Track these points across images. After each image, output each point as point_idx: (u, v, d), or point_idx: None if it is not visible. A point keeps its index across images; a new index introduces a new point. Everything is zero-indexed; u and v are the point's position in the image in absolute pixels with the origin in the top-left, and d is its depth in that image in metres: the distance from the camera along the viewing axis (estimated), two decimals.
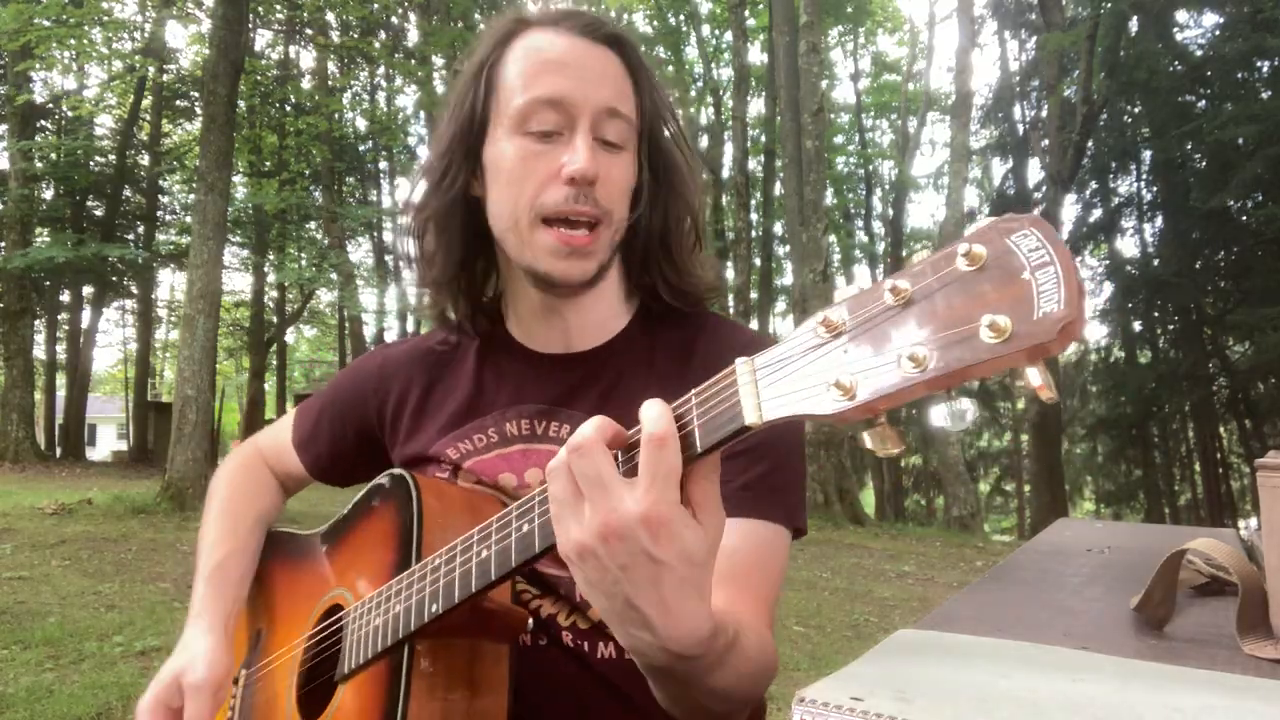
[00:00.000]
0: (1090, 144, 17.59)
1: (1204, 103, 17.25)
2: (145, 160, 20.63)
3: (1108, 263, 20.94)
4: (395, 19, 18.80)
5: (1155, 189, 19.96)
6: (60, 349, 22.73)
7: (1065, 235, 18.51)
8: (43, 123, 19.10)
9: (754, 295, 21.42)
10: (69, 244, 15.29)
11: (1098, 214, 20.76)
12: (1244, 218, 16.51)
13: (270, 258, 21.27)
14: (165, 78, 19.78)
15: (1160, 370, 18.43)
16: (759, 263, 22.34)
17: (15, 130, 16.36)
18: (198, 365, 9.28)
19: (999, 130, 23.12)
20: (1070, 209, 19.70)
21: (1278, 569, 0.76)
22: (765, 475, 0.88)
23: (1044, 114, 19.50)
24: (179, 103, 20.87)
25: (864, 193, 28.09)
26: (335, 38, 18.51)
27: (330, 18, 18.23)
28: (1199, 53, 17.55)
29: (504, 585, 0.77)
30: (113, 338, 30.06)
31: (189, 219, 13.97)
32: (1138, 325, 20.36)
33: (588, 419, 0.88)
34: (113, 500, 8.95)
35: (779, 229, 23.42)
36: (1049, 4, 17.12)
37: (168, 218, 21.41)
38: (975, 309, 0.44)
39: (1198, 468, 20.58)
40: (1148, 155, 19.52)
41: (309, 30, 18.03)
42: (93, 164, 19.07)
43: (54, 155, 18.04)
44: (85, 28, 13.15)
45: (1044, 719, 0.53)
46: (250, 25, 15.44)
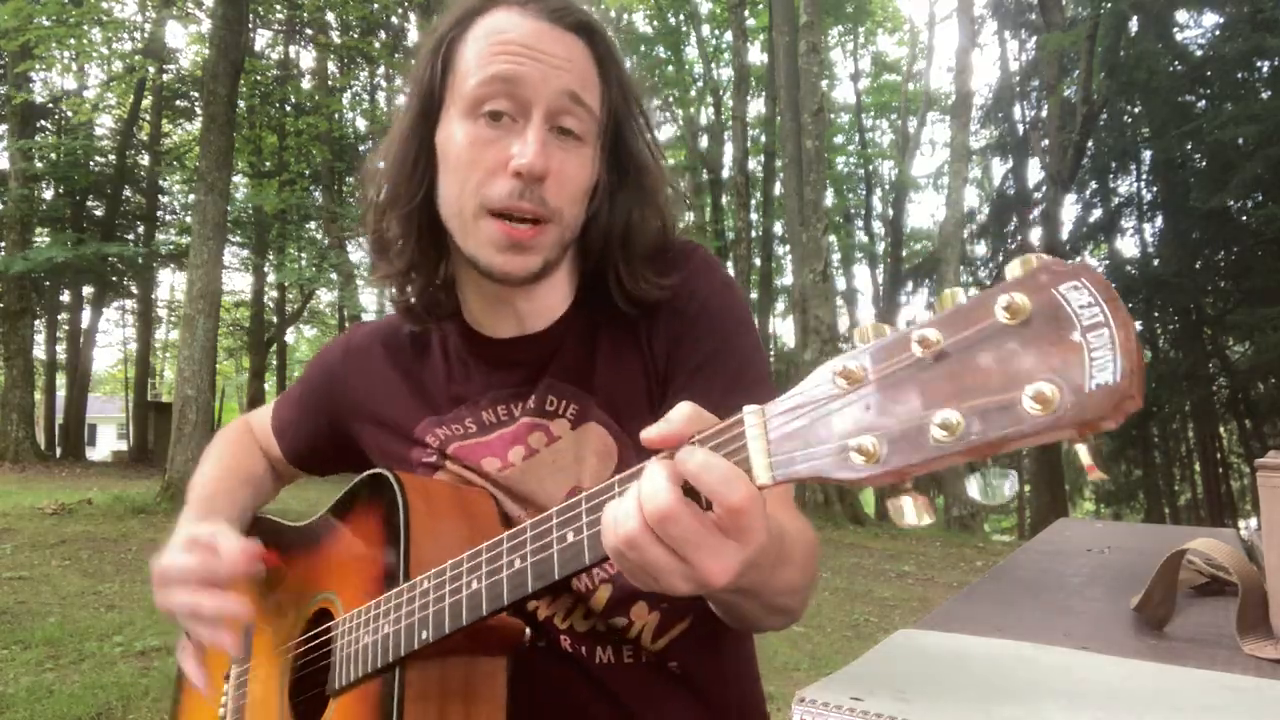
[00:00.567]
0: (1090, 144, 17.60)
1: (1204, 103, 17.25)
2: (145, 160, 20.61)
3: (1108, 263, 20.93)
4: (395, 19, 18.78)
5: (1155, 189, 19.96)
6: (60, 349, 22.72)
7: (1065, 235, 18.55)
8: (43, 123, 19.09)
9: (754, 295, 21.43)
10: (69, 244, 15.28)
11: (1098, 214, 20.77)
12: (1244, 218, 16.51)
13: (270, 258, 21.25)
14: (165, 78, 19.75)
15: (1160, 370, 18.41)
16: (759, 263, 22.33)
17: (15, 130, 16.35)
18: (198, 365, 9.28)
19: (999, 130, 23.13)
20: (1070, 209, 19.74)
21: (1278, 569, 0.76)
22: (727, 360, 0.88)
23: (1044, 114, 19.51)
24: (179, 103, 20.85)
25: (864, 193, 28.08)
26: (335, 38, 18.49)
27: (330, 18, 18.21)
28: (1199, 53, 17.55)
29: None
30: (113, 338, 30.10)
31: (189, 219, 13.96)
32: (1138, 325, 20.27)
33: (546, 385, 0.91)
34: (113, 500, 8.95)
35: (779, 229, 23.41)
36: (1049, 4, 17.12)
37: (168, 218, 21.41)
38: (1016, 372, 0.39)
39: (1198, 468, 20.57)
40: (1148, 155, 19.52)
41: (309, 30, 18.01)
42: (93, 164, 19.06)
43: (54, 155, 18.03)
44: (85, 27, 13.15)
45: (1044, 719, 0.53)
46: (250, 25, 15.43)
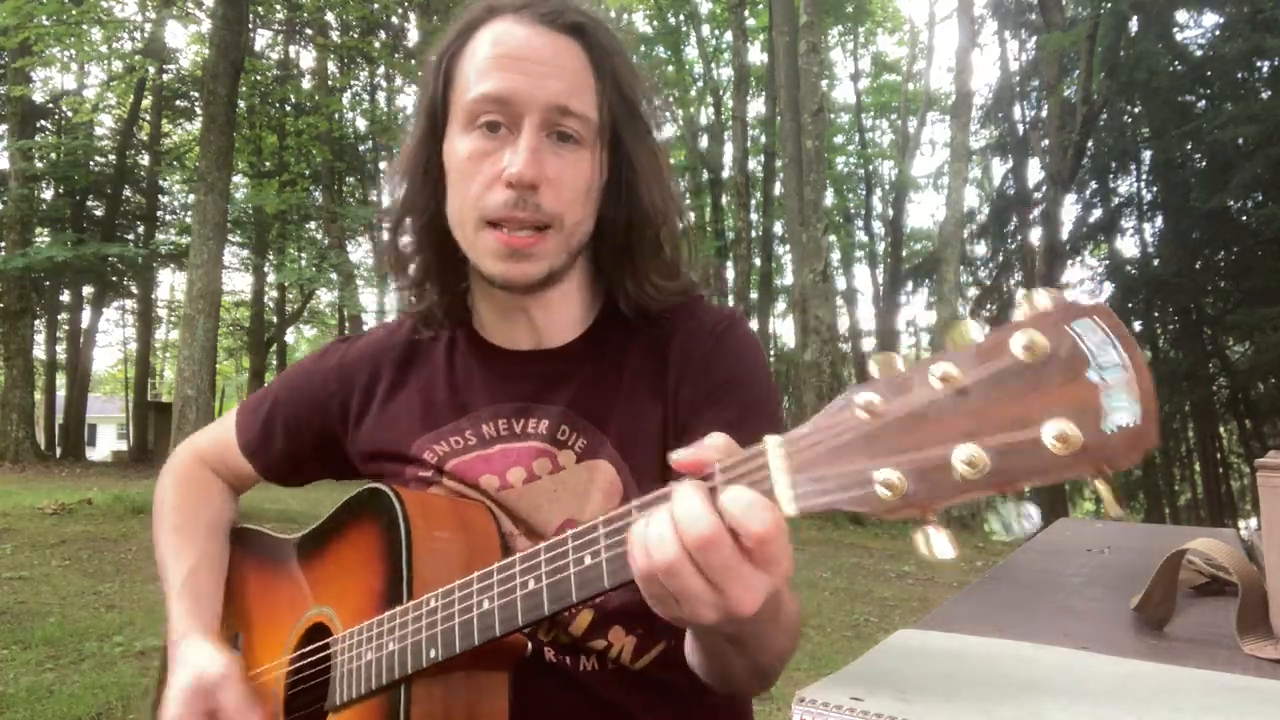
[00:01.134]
0: (1090, 144, 17.60)
1: (1204, 103, 17.25)
2: (145, 160, 20.61)
3: (1108, 263, 20.94)
4: (395, 19, 18.78)
5: (1155, 189, 19.96)
6: (60, 349, 22.71)
7: (1065, 235, 18.55)
8: (43, 123, 19.10)
9: (754, 295, 21.42)
10: (69, 244, 15.28)
11: (1098, 214, 20.76)
12: (1244, 218, 16.50)
13: (270, 258, 21.26)
14: (165, 78, 19.75)
15: (1160, 370, 18.40)
16: (759, 263, 22.33)
17: (15, 130, 16.35)
18: (198, 365, 9.29)
19: (999, 130, 23.12)
20: (1070, 209, 19.72)
21: (1278, 569, 0.76)
22: (743, 388, 0.88)
23: (1044, 114, 19.51)
24: (179, 103, 20.85)
25: (864, 193, 28.07)
26: (335, 38, 18.49)
27: (330, 18, 18.21)
28: (1199, 53, 17.54)
29: None
30: (113, 338, 30.07)
31: (189, 219, 13.96)
32: (1138, 325, 20.33)
33: (560, 413, 0.91)
34: (113, 500, 8.95)
35: (779, 229, 23.40)
36: (1049, 4, 17.12)
37: (168, 218, 21.41)
38: (1036, 410, 0.41)
39: (1198, 468, 20.58)
40: (1148, 155, 19.51)
41: (309, 30, 18.01)
42: (93, 164, 19.05)
43: (54, 155, 18.03)
44: (84, 27, 13.15)
45: (1044, 719, 0.53)
46: (250, 25, 15.43)
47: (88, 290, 20.85)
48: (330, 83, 21.10)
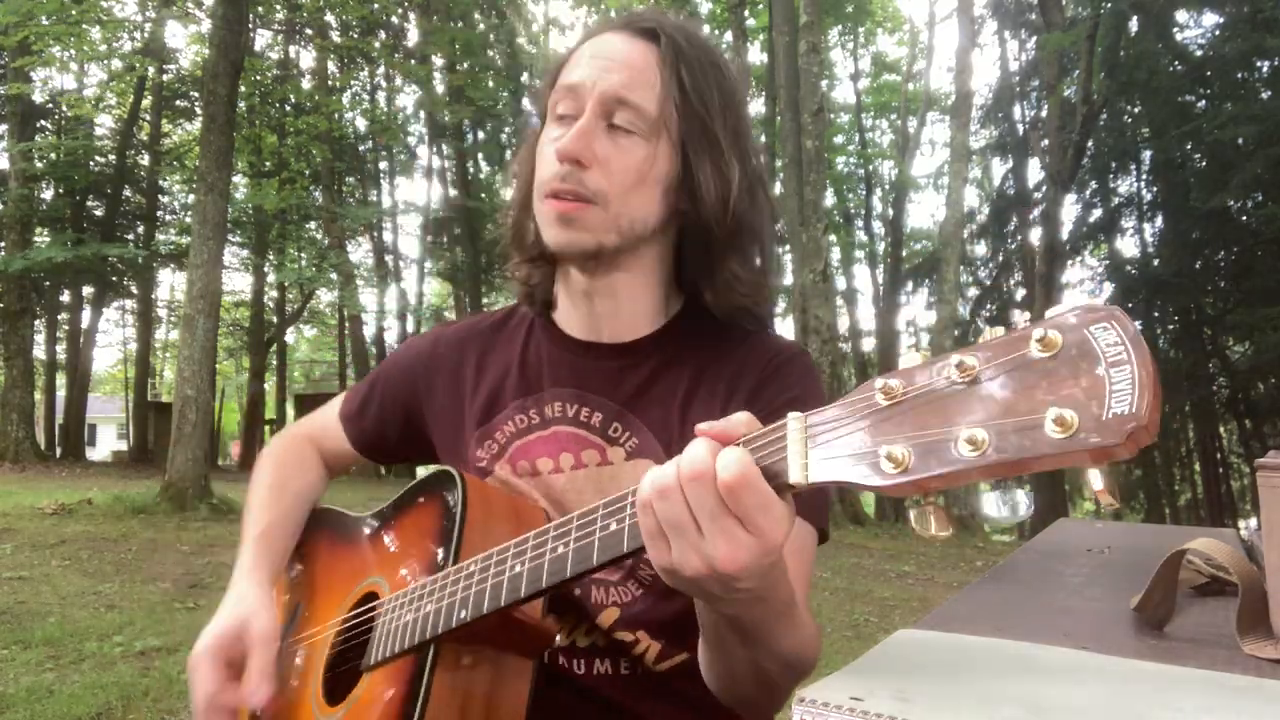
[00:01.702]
0: (1090, 144, 17.60)
1: (1204, 103, 17.25)
2: (145, 160, 20.62)
3: (1108, 263, 20.95)
4: (395, 19, 18.79)
5: (1155, 189, 19.97)
6: (60, 349, 22.72)
7: (1065, 235, 18.55)
8: (43, 123, 19.10)
9: None
10: (69, 244, 15.29)
11: (1098, 214, 20.77)
12: (1244, 218, 16.51)
13: (270, 258, 21.28)
14: (165, 78, 19.77)
15: (1160, 370, 18.38)
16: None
17: (15, 130, 16.36)
18: (198, 365, 9.28)
19: (999, 130, 23.14)
20: (1070, 209, 19.72)
21: (1278, 569, 0.76)
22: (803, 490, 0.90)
23: (1044, 114, 19.51)
24: (179, 103, 20.86)
25: (864, 193, 28.07)
26: (335, 38, 18.50)
27: (330, 18, 18.22)
28: (1199, 53, 17.55)
29: (536, 600, 0.78)
30: (113, 338, 30.08)
31: (189, 219, 13.97)
32: (1138, 325, 20.28)
33: (616, 410, 0.95)
34: (113, 500, 8.95)
35: (779, 229, 23.37)
36: (1049, 4, 17.13)
37: (168, 218, 21.41)
38: (1042, 398, 0.42)
39: (1198, 468, 20.59)
40: (1148, 155, 19.52)
41: (309, 30, 18.02)
42: (93, 164, 19.07)
43: (54, 155, 18.04)
44: (84, 27, 13.15)
45: (1044, 719, 0.53)
46: (250, 25, 15.43)
47: (88, 290, 20.86)
48: (330, 83, 21.11)
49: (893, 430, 0.48)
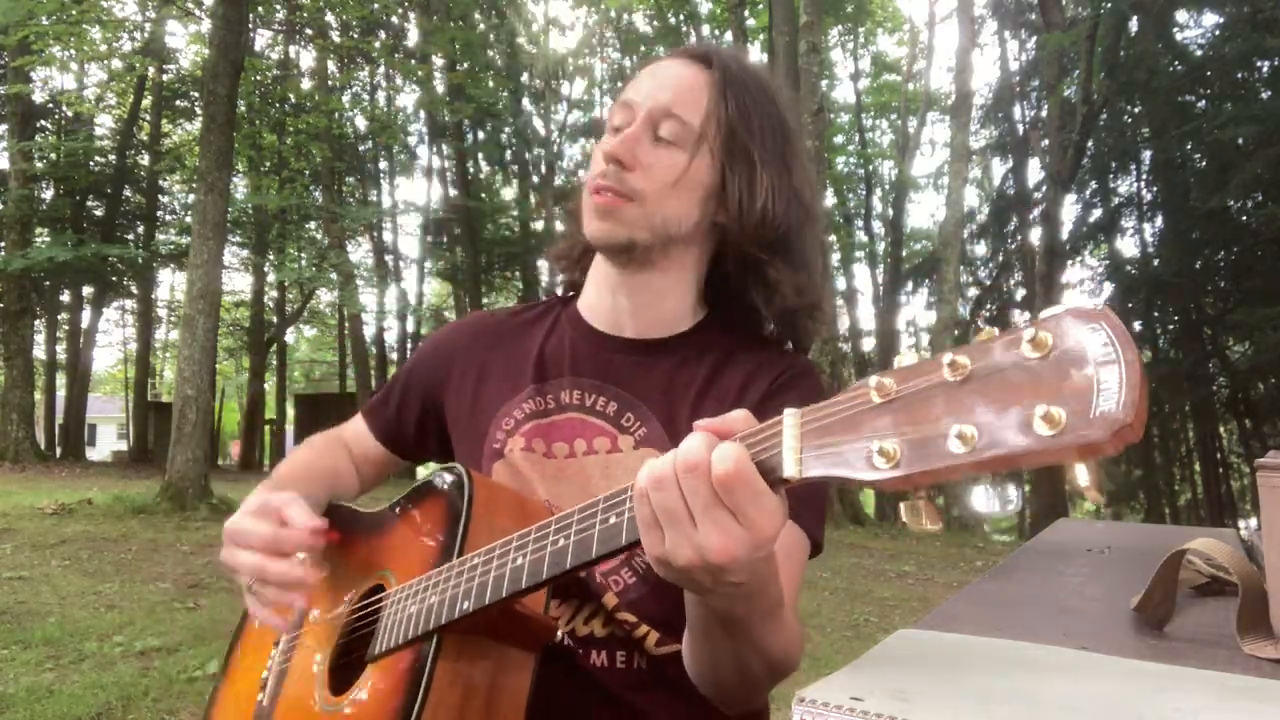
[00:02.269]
0: (1090, 144, 17.59)
1: (1204, 103, 17.24)
2: (145, 160, 20.61)
3: (1108, 263, 20.95)
4: (395, 19, 18.78)
5: (1155, 189, 19.96)
6: (60, 349, 22.72)
7: (1065, 235, 18.54)
8: (43, 123, 19.09)
9: None
10: (69, 244, 15.27)
11: (1098, 214, 20.76)
12: (1244, 218, 16.51)
13: (270, 258, 21.26)
14: (165, 78, 19.77)
15: (1160, 370, 18.41)
16: None
17: (15, 130, 16.35)
18: (198, 365, 9.28)
19: (999, 130, 23.12)
20: (1070, 209, 19.71)
21: (1278, 569, 0.76)
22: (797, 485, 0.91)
23: (1044, 114, 19.50)
24: (179, 103, 20.85)
25: (864, 193, 28.06)
26: (335, 38, 18.49)
27: (330, 18, 18.22)
28: (1199, 53, 17.54)
29: (538, 593, 0.79)
30: (113, 338, 30.06)
31: (189, 219, 13.96)
32: (1138, 325, 20.34)
33: (630, 400, 0.99)
34: (113, 500, 8.95)
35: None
36: (1049, 4, 17.12)
37: (168, 218, 21.40)
38: (1031, 396, 0.43)
39: (1198, 468, 20.58)
40: (1148, 155, 19.51)
41: (309, 30, 18.01)
42: (93, 164, 19.05)
43: (54, 155, 18.03)
44: (84, 26, 13.15)
45: (1044, 719, 0.53)
46: (250, 25, 15.43)
47: (88, 290, 20.85)
48: (330, 82, 21.10)
49: (885, 426, 0.49)
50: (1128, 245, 21.59)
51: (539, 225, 21.96)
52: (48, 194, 18.73)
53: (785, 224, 0.98)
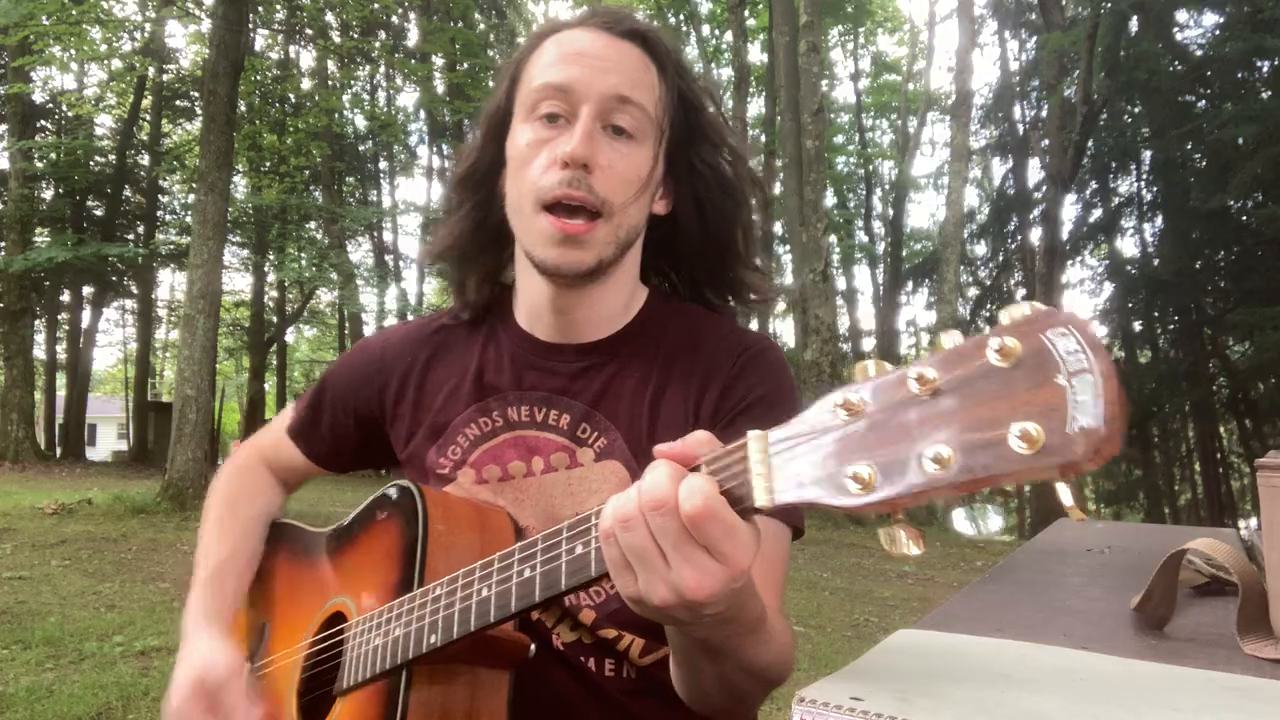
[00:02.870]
0: (1090, 144, 17.58)
1: (1204, 103, 17.23)
2: (145, 160, 20.61)
3: (1108, 263, 20.94)
4: (395, 19, 18.78)
5: (1155, 189, 19.94)
6: (60, 349, 22.70)
7: (1065, 235, 18.53)
8: (43, 123, 19.09)
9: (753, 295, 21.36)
10: (69, 244, 15.27)
11: (1098, 214, 20.75)
12: (1244, 218, 16.49)
13: (270, 258, 21.25)
14: (165, 78, 19.75)
15: (1160, 370, 18.41)
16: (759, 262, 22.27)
17: (15, 130, 16.35)
18: (198, 365, 9.28)
19: (999, 130, 23.12)
20: (1070, 209, 19.70)
21: (1278, 569, 0.76)
22: (772, 406, 0.89)
23: (1044, 114, 19.51)
24: (179, 103, 20.84)
25: (864, 193, 28.06)
26: (335, 38, 18.49)
27: (330, 18, 18.21)
28: (1199, 53, 17.53)
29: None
30: (113, 338, 30.07)
31: (189, 219, 13.96)
32: (1138, 325, 20.35)
33: (584, 411, 0.93)
34: (113, 500, 8.95)
35: (779, 229, 23.40)
36: (1049, 4, 17.12)
37: (168, 218, 21.40)
38: (1005, 411, 0.41)
39: (1198, 468, 20.56)
40: (1148, 155, 19.50)
41: (309, 30, 18.01)
42: (93, 164, 19.04)
43: (54, 155, 18.02)
44: (84, 26, 13.14)
45: (1044, 719, 0.53)
46: (250, 25, 15.42)
47: (88, 290, 20.85)
48: (330, 82, 21.10)
49: (856, 448, 0.46)
50: (1128, 245, 21.61)
51: None
52: (48, 194, 18.73)
53: (724, 207, 0.94)
